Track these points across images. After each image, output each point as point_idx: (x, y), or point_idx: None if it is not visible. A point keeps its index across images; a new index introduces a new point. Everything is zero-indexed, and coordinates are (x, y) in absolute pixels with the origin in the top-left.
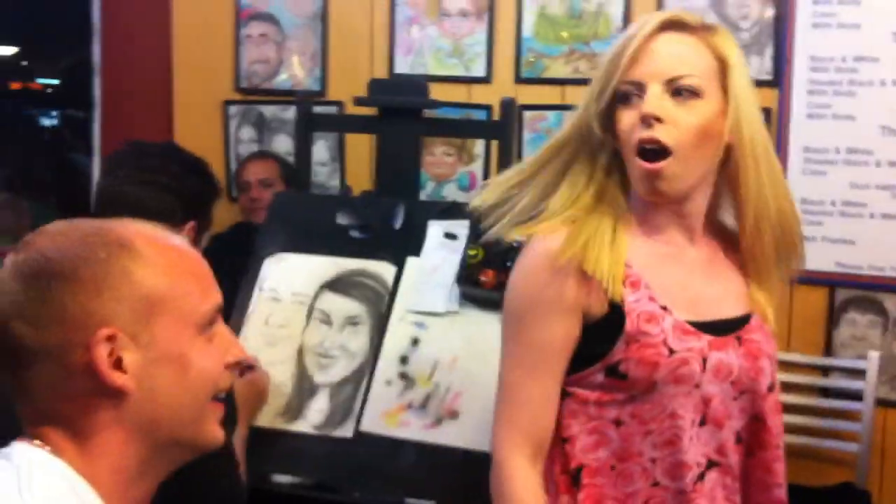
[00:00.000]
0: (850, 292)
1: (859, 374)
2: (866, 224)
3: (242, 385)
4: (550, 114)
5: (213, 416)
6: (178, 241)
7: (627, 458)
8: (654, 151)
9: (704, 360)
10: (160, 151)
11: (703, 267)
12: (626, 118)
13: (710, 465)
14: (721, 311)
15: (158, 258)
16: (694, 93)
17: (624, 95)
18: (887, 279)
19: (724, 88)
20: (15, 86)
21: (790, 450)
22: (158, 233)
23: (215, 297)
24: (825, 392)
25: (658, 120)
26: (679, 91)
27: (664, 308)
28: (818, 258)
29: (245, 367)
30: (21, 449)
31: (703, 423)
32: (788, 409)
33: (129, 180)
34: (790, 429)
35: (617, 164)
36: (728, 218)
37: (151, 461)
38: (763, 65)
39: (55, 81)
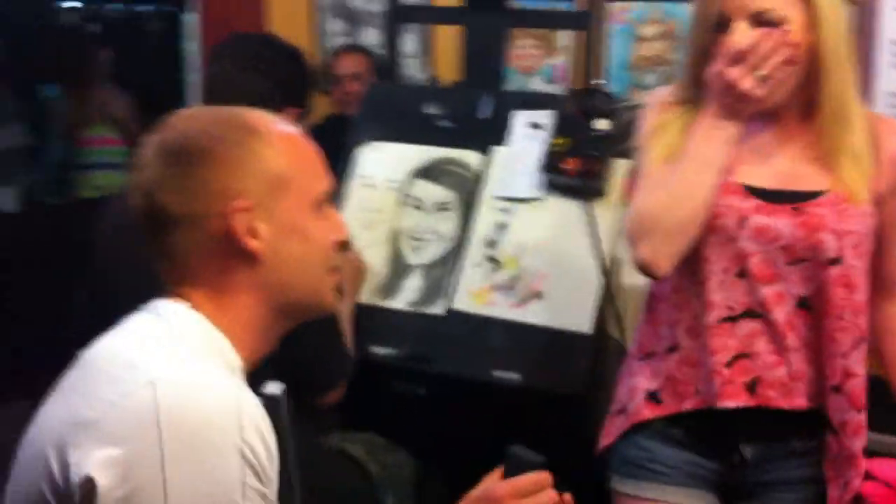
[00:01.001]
0: None
1: None
2: None
3: (343, 263)
4: (636, 5)
5: (330, 285)
6: (293, 128)
7: (679, 291)
8: None
9: (743, 219)
10: (258, 41)
11: (794, 147)
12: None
13: (748, 314)
14: (792, 184)
15: (282, 143)
16: (778, 22)
17: (722, 25)
18: None
19: (811, 5)
20: None
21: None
22: (277, 121)
23: (328, 179)
24: None
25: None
26: (763, 23)
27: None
28: None
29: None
30: (164, 304)
31: (742, 275)
32: None
33: (231, 68)
34: None
35: None
36: None
37: (275, 319)
38: None
39: None
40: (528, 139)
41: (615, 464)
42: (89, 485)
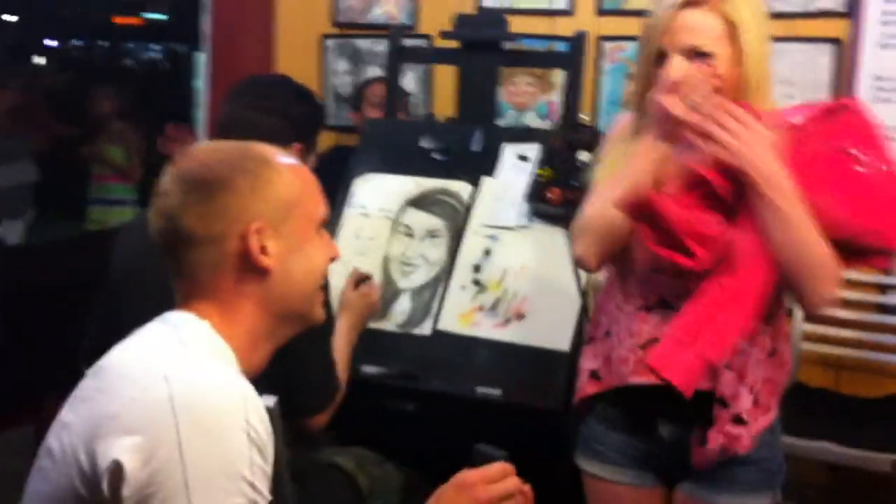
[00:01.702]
0: None
1: None
2: None
3: (356, 296)
4: (630, 44)
5: (319, 300)
6: (294, 160)
7: (613, 284)
8: None
9: None
10: (272, 81)
11: None
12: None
13: (660, 304)
14: None
15: (290, 172)
16: (707, 55)
17: (661, 58)
18: None
19: (736, 43)
20: (120, 20)
21: (848, 363)
22: (282, 153)
23: (326, 206)
24: (883, 308)
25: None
26: (695, 57)
27: None
28: None
29: (362, 279)
30: (174, 315)
31: (657, 271)
32: (847, 324)
33: (245, 107)
34: (849, 343)
35: None
36: None
37: (274, 330)
38: None
39: (162, 17)
40: (515, 170)
41: (577, 441)
42: (117, 468)
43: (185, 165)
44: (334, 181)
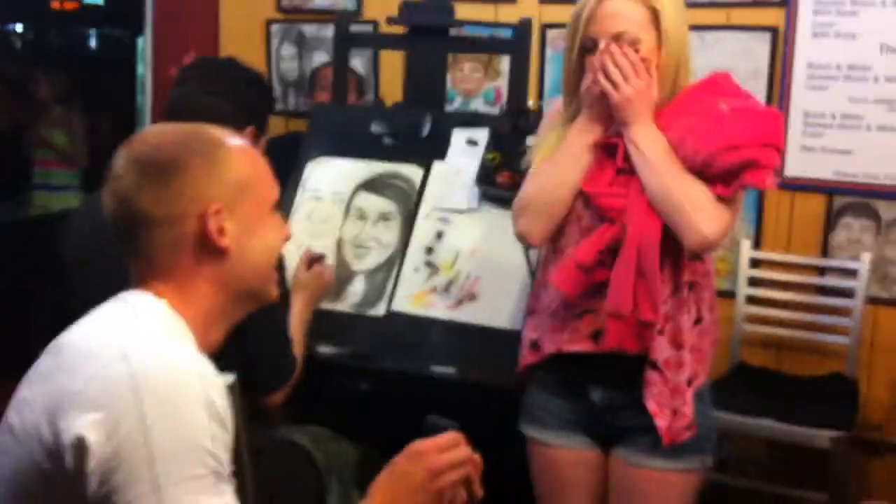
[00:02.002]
0: (846, 199)
1: (852, 273)
2: (863, 135)
3: (309, 276)
4: None
5: (274, 279)
6: (245, 143)
7: (549, 259)
8: None
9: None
10: (223, 65)
11: None
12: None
13: None
14: None
15: (243, 154)
16: (633, 41)
17: (588, 47)
18: (881, 187)
19: (659, 28)
20: (56, 5)
21: (789, 343)
22: (234, 136)
23: (278, 187)
24: (821, 290)
25: None
26: (621, 42)
27: None
28: (818, 167)
29: (315, 259)
30: (131, 294)
31: None
32: (787, 305)
33: (195, 90)
34: (788, 324)
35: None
36: None
37: (230, 308)
38: None
39: (99, 1)
40: (465, 154)
41: (521, 409)
42: (80, 443)
43: (137, 148)
44: (286, 166)
